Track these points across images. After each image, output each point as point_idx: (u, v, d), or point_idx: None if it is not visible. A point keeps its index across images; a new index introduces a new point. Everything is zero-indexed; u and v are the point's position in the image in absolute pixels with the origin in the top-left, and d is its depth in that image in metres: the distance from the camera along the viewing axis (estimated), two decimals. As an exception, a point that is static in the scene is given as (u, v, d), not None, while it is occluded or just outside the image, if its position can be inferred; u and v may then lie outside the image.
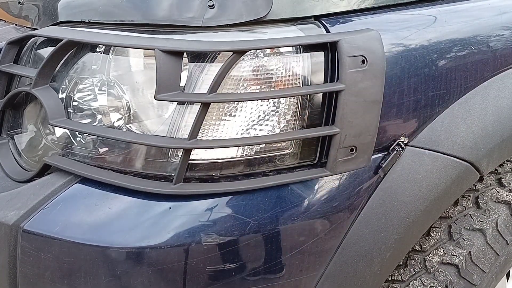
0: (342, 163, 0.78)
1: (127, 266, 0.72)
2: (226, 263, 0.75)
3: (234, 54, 0.70)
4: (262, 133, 0.77)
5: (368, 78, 0.76)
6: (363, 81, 0.75)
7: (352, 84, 0.74)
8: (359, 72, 0.75)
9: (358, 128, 0.77)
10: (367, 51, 0.75)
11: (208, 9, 0.73)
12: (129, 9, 0.78)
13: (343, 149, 0.77)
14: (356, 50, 0.74)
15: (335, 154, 0.77)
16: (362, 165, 0.80)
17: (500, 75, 0.96)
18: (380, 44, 0.76)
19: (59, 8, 0.86)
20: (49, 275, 0.76)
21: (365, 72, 0.75)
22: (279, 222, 0.77)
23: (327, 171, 0.78)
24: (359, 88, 0.75)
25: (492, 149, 0.96)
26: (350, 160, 0.79)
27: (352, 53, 0.74)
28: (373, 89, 0.77)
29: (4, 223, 0.77)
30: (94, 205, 0.75)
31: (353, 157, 0.78)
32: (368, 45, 0.75)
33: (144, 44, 0.72)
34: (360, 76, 0.75)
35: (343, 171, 0.79)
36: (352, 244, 0.83)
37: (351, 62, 0.74)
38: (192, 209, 0.74)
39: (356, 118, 0.76)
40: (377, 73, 0.76)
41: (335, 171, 0.78)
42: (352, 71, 0.74)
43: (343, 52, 0.74)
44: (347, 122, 0.76)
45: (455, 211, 1.06)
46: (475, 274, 0.97)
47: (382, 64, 0.77)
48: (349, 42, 0.74)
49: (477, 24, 0.93)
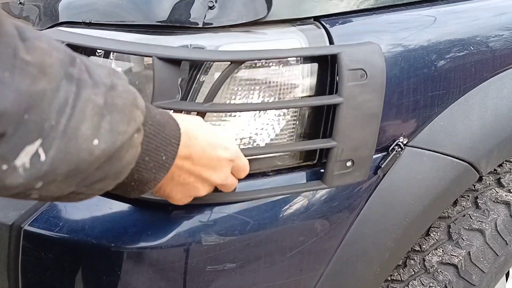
0: (339, 176, 0.77)
1: (127, 266, 0.73)
2: (226, 263, 0.75)
3: (232, 64, 0.70)
4: (259, 138, 0.77)
5: (368, 91, 0.75)
6: (362, 95, 0.74)
7: (351, 98, 0.73)
8: (358, 85, 0.74)
9: (355, 141, 0.76)
10: (367, 65, 0.74)
11: (209, 10, 0.74)
12: (129, 9, 0.78)
13: (340, 162, 0.76)
14: (356, 63, 0.73)
15: (332, 167, 0.76)
16: (359, 179, 0.80)
17: (499, 75, 0.97)
18: (380, 58, 0.76)
19: (59, 8, 0.86)
20: (50, 275, 0.76)
21: (365, 85, 0.74)
22: (279, 222, 0.77)
23: (323, 184, 0.78)
24: (358, 102, 0.74)
25: (491, 149, 0.97)
26: (347, 174, 0.78)
27: (352, 66, 0.73)
28: (372, 103, 0.76)
29: (5, 223, 0.77)
30: (94, 205, 0.75)
31: (350, 170, 0.78)
32: (368, 58, 0.75)
33: (142, 51, 0.71)
34: (359, 90, 0.74)
35: (339, 184, 0.79)
36: (352, 244, 0.84)
37: (350, 75, 0.73)
38: (192, 210, 0.74)
39: (354, 131, 0.75)
40: (376, 87, 0.76)
41: (332, 184, 0.78)
42: (352, 84, 0.73)
43: (342, 65, 0.72)
44: (345, 135, 0.75)
45: (454, 211, 1.06)
46: (474, 274, 0.97)
47: (382, 78, 0.76)
48: (349, 55, 0.73)
49: (476, 25, 0.94)
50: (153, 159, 0.55)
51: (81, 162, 0.44)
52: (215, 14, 0.74)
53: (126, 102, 0.49)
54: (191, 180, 0.63)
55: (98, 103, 0.45)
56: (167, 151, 0.57)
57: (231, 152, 0.65)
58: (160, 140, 0.56)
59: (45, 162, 0.41)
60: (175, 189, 0.64)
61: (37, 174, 0.41)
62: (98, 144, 0.45)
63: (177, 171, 0.61)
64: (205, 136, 0.63)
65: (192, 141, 0.61)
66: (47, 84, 0.41)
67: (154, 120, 0.55)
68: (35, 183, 0.42)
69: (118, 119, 0.47)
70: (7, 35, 0.39)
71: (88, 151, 0.44)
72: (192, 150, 0.61)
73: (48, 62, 0.41)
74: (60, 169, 0.43)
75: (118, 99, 0.48)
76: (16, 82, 0.39)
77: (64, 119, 0.42)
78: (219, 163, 0.64)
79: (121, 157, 0.48)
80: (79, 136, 0.43)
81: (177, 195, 0.65)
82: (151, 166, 0.55)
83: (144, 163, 0.54)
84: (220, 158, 0.64)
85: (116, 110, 0.47)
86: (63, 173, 0.44)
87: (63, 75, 0.43)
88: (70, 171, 0.44)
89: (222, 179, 0.66)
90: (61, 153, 0.42)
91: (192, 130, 0.61)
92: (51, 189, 0.44)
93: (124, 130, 0.48)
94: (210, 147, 0.63)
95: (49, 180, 0.43)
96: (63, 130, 0.42)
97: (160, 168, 0.57)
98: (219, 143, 0.64)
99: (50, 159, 0.42)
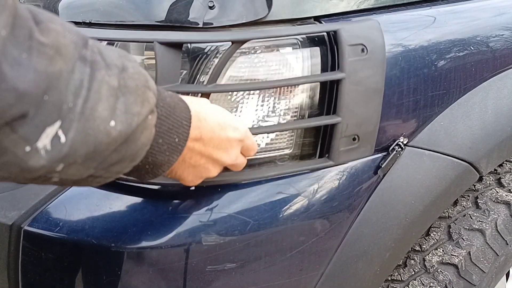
0: (345, 152, 0.78)
1: (127, 266, 0.73)
2: (226, 263, 0.75)
3: (233, 45, 0.71)
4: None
5: (369, 66, 0.76)
6: (364, 70, 0.75)
7: (352, 73, 0.74)
8: (359, 60, 0.75)
9: (360, 117, 0.77)
10: (367, 40, 0.75)
11: (209, 10, 0.74)
12: (130, 9, 0.78)
13: (345, 138, 0.77)
14: (355, 38, 0.74)
15: (337, 143, 0.77)
16: (365, 155, 0.80)
17: (499, 75, 0.97)
18: (380, 33, 0.77)
19: (59, 8, 0.86)
20: (50, 275, 0.76)
21: (366, 60, 0.75)
22: (279, 222, 0.77)
23: (329, 160, 0.78)
24: (360, 77, 0.75)
25: (491, 149, 0.97)
26: (352, 150, 0.79)
27: (352, 41, 0.74)
28: (374, 78, 0.77)
29: (5, 223, 0.77)
30: (95, 205, 0.75)
31: (355, 146, 0.79)
32: (367, 34, 0.76)
33: (142, 37, 0.72)
34: (360, 65, 0.75)
35: (346, 160, 0.79)
36: (352, 244, 0.84)
37: (351, 51, 0.74)
38: (192, 209, 0.74)
39: (357, 107, 0.76)
40: (377, 61, 0.77)
41: (338, 161, 0.78)
42: (352, 59, 0.74)
43: (342, 41, 0.73)
44: (349, 111, 0.76)
45: (454, 211, 1.06)
46: (474, 274, 0.97)
47: (383, 53, 0.77)
48: (348, 31, 0.74)
49: (476, 25, 0.94)
50: (166, 141, 0.55)
51: (99, 144, 0.44)
52: (215, 14, 0.74)
53: (139, 84, 0.49)
54: (202, 162, 0.64)
55: (112, 85, 0.45)
56: (179, 133, 0.57)
57: (241, 132, 0.66)
58: (172, 122, 0.56)
59: (65, 143, 0.42)
60: (186, 171, 0.64)
61: (58, 156, 0.42)
62: (115, 126, 0.45)
63: (189, 153, 0.61)
64: (215, 117, 0.63)
65: (202, 123, 0.61)
66: (64, 65, 0.41)
67: (165, 102, 0.55)
68: (56, 166, 0.42)
69: (132, 100, 0.47)
70: (22, 18, 0.39)
71: (106, 133, 0.44)
72: (203, 132, 0.61)
73: (63, 43, 0.41)
74: (80, 151, 0.43)
75: (130, 80, 0.48)
76: (34, 62, 0.39)
77: (80, 100, 0.42)
78: (229, 144, 0.65)
79: (136, 138, 0.49)
80: (96, 118, 0.43)
81: (189, 177, 0.65)
82: (164, 149, 0.56)
83: (158, 146, 0.55)
84: (230, 138, 0.64)
85: (129, 91, 0.47)
86: (83, 155, 0.44)
87: (78, 57, 0.43)
88: (89, 153, 0.44)
89: (232, 159, 0.67)
90: (80, 134, 0.42)
91: (201, 111, 0.61)
92: (71, 171, 0.45)
93: (138, 111, 0.48)
94: (219, 128, 0.63)
95: (70, 162, 0.43)
96: (80, 112, 0.42)
97: (174, 150, 0.57)
98: (229, 123, 0.64)
99: (70, 140, 0.42)
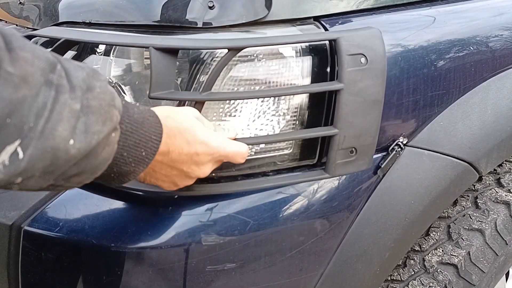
0: (342, 165, 0.76)
1: (127, 266, 0.73)
2: (226, 263, 0.75)
3: (229, 52, 0.69)
4: (261, 133, 0.77)
5: (369, 77, 0.74)
6: (363, 80, 0.73)
7: (351, 83, 0.72)
8: (359, 71, 0.73)
9: (358, 129, 0.75)
10: (368, 49, 0.73)
11: (208, 10, 0.74)
12: (129, 9, 0.78)
13: (342, 150, 0.75)
14: (355, 48, 0.72)
15: (334, 156, 0.75)
16: (362, 168, 0.78)
17: (499, 75, 0.97)
18: (381, 42, 0.74)
19: (60, 8, 0.86)
20: (50, 275, 0.76)
21: (365, 71, 0.73)
22: (278, 222, 0.77)
23: (325, 173, 0.77)
24: (359, 88, 0.73)
25: (491, 149, 0.97)
26: (350, 162, 0.77)
27: (352, 51, 0.72)
28: (373, 89, 0.75)
29: (5, 223, 0.77)
30: (95, 205, 0.75)
31: (353, 159, 0.77)
32: (368, 43, 0.73)
33: (138, 42, 0.71)
34: (360, 75, 0.73)
35: (342, 173, 0.78)
36: (352, 244, 0.84)
37: (350, 61, 0.72)
38: (192, 209, 0.75)
39: (356, 118, 0.74)
40: (378, 72, 0.74)
41: (334, 173, 0.77)
42: (352, 69, 0.72)
43: (342, 50, 0.72)
44: (347, 122, 0.74)
45: (454, 211, 1.06)
46: (474, 274, 0.97)
47: (383, 63, 0.75)
48: (348, 40, 0.72)
49: (476, 25, 0.94)
50: (131, 154, 0.58)
51: (57, 160, 0.48)
52: (215, 14, 0.74)
53: (102, 103, 0.52)
54: (173, 173, 0.66)
55: (75, 107, 0.49)
56: (147, 147, 0.60)
57: (209, 147, 0.67)
58: (139, 137, 0.58)
59: (23, 159, 0.45)
60: (160, 179, 0.67)
61: (16, 170, 0.45)
62: (74, 144, 0.48)
63: (158, 165, 0.64)
64: (186, 133, 0.65)
65: (171, 139, 0.63)
66: (28, 91, 0.45)
67: (132, 119, 0.58)
68: (15, 179, 0.46)
69: (94, 120, 0.50)
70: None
71: (64, 150, 0.48)
72: (171, 148, 0.63)
73: (30, 71, 0.45)
74: (37, 166, 0.47)
75: (95, 100, 0.51)
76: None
77: (42, 121, 0.46)
78: (198, 159, 0.66)
79: (97, 154, 0.52)
80: (56, 137, 0.47)
81: (164, 184, 0.68)
82: (130, 161, 0.58)
83: (123, 158, 0.57)
84: (199, 153, 0.66)
85: (91, 111, 0.50)
86: (40, 169, 0.47)
87: (43, 82, 0.46)
88: (47, 168, 0.48)
89: (205, 172, 0.68)
90: (38, 151, 0.46)
91: (173, 127, 0.64)
92: (30, 183, 0.48)
93: (99, 130, 0.51)
94: (187, 145, 0.65)
95: (28, 176, 0.47)
96: (40, 131, 0.46)
97: (139, 162, 0.60)
98: (197, 139, 0.65)
99: (28, 156, 0.45)
